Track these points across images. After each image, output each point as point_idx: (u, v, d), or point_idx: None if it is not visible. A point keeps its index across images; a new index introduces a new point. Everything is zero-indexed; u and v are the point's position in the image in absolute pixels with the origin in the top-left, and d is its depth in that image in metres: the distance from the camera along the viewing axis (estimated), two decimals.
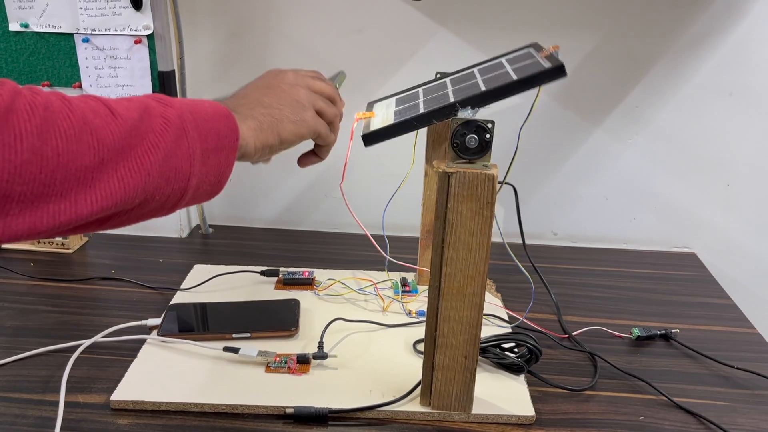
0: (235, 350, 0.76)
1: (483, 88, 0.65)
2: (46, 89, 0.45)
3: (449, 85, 0.73)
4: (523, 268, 0.81)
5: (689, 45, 1.03)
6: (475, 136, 0.60)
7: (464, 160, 0.61)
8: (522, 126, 0.71)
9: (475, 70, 0.76)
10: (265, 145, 0.60)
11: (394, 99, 0.78)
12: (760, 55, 1.03)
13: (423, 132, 0.83)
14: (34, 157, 0.41)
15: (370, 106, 0.80)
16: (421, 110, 0.67)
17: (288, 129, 0.62)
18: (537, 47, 0.73)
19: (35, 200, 0.42)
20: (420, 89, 0.78)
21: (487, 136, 0.60)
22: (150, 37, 0.97)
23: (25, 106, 0.41)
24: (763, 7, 1.00)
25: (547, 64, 0.64)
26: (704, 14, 1.01)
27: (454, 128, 0.60)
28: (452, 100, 0.66)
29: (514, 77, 0.64)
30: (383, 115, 0.72)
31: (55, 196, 0.43)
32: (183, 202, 0.53)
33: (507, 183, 0.70)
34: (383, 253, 0.88)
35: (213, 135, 0.54)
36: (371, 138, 0.68)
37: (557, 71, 0.63)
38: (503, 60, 0.74)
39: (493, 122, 0.60)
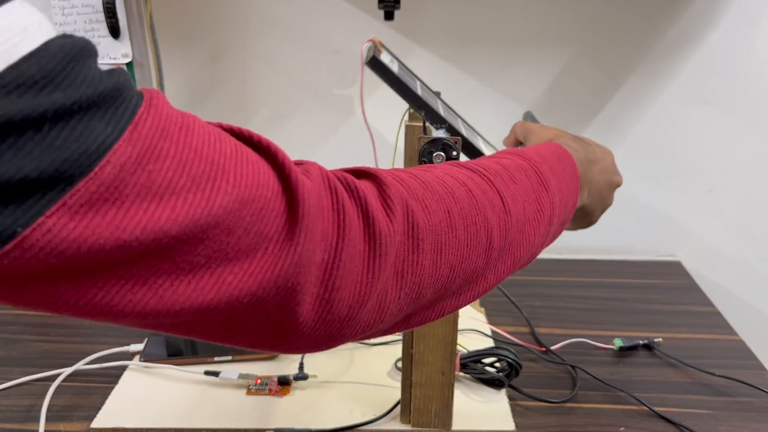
0: (216, 374, 0.77)
1: (462, 131, 0.67)
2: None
3: (440, 103, 0.73)
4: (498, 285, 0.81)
5: (663, 54, 1.04)
6: (442, 154, 0.61)
7: None
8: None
9: (460, 120, 0.76)
10: (582, 225, 0.65)
11: (397, 64, 0.76)
12: (732, 63, 1.04)
13: (400, 147, 0.84)
14: (446, 269, 0.41)
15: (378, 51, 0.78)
16: (419, 92, 0.67)
17: (597, 215, 0.66)
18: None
19: (434, 302, 0.42)
20: (418, 82, 0.77)
21: (454, 153, 0.61)
22: (129, 64, 0.98)
23: (444, 216, 0.40)
24: (734, 16, 1.01)
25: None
26: (676, 24, 1.02)
27: (421, 147, 0.61)
28: (441, 111, 0.66)
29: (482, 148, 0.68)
30: (389, 60, 0.71)
31: (449, 296, 0.43)
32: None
33: None
34: None
35: (566, 208, 0.52)
36: (377, 65, 0.66)
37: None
38: (480, 140, 0.75)
39: (459, 140, 0.61)
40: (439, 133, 0.64)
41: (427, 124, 0.65)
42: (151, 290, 0.29)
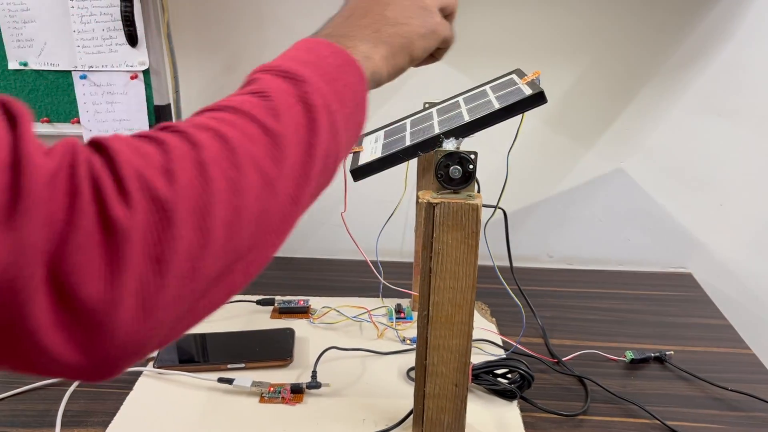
0: (230, 381, 0.77)
1: (466, 119, 0.66)
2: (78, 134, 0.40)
3: (435, 115, 0.75)
4: (511, 292, 0.82)
5: (676, 67, 1.04)
6: (459, 167, 0.61)
7: (449, 191, 0.62)
8: (509, 150, 0.73)
9: (460, 99, 0.77)
10: (397, 70, 0.54)
11: (382, 132, 0.80)
12: (746, 76, 1.04)
13: (414, 159, 0.85)
14: (220, 230, 0.36)
15: (359, 139, 0.81)
16: (407, 143, 0.68)
17: (419, 45, 0.54)
18: (520, 73, 0.74)
19: (228, 268, 0.38)
20: (408, 120, 0.79)
21: (471, 166, 0.61)
22: (146, 72, 0.99)
23: (192, 172, 0.36)
24: (748, 29, 1.01)
25: (528, 91, 0.65)
26: (691, 37, 1.03)
27: (437, 159, 0.61)
28: (437, 131, 0.67)
29: (497, 106, 0.65)
30: (371, 149, 0.74)
31: (245, 252, 0.39)
32: (333, 177, 0.48)
33: (497, 207, 0.72)
34: (378, 276, 0.89)
35: (349, 95, 0.47)
36: (359, 172, 0.69)
37: (537, 98, 0.64)
38: (487, 88, 0.75)
39: (476, 153, 0.61)
40: (450, 145, 0.64)
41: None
42: None
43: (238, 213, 0.37)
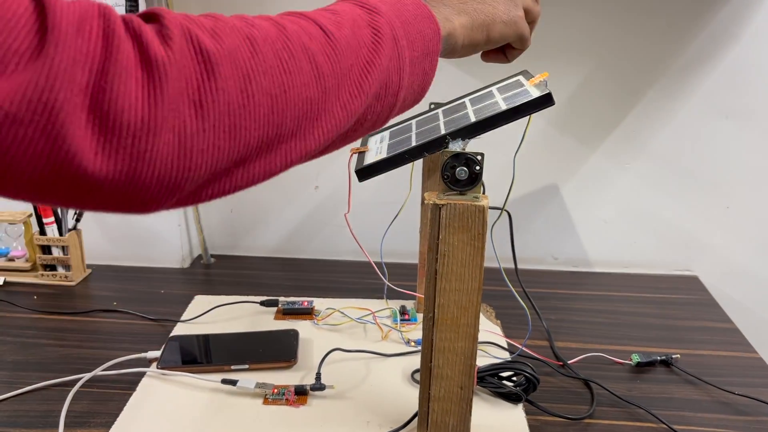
0: (233, 382, 0.77)
1: (472, 120, 0.66)
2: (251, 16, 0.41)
3: (441, 116, 0.74)
4: (517, 295, 0.81)
5: (683, 69, 1.04)
6: (465, 168, 0.61)
7: (455, 192, 0.62)
8: (516, 153, 0.72)
9: (466, 100, 0.76)
10: (473, 44, 0.56)
11: (388, 132, 0.79)
12: (753, 79, 1.03)
13: (419, 160, 0.84)
14: (264, 98, 0.38)
15: (364, 140, 0.81)
16: (413, 143, 0.68)
17: (498, 30, 0.57)
18: (527, 75, 0.74)
19: (269, 144, 0.40)
20: (413, 121, 0.79)
21: (477, 168, 0.61)
22: None
23: (243, 42, 0.38)
24: (755, 31, 1.01)
25: (535, 93, 0.65)
26: (697, 38, 1.02)
27: (444, 161, 0.61)
28: (443, 132, 0.66)
29: (503, 107, 0.65)
30: (377, 149, 0.73)
31: (287, 135, 0.40)
32: (389, 118, 0.50)
33: (503, 209, 0.71)
34: (383, 278, 0.88)
35: (419, 40, 0.49)
36: (365, 173, 0.68)
37: (545, 100, 0.63)
38: (494, 89, 0.75)
39: (482, 154, 0.60)
40: (457, 146, 0.64)
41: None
42: None
43: (284, 90, 0.39)
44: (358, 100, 0.44)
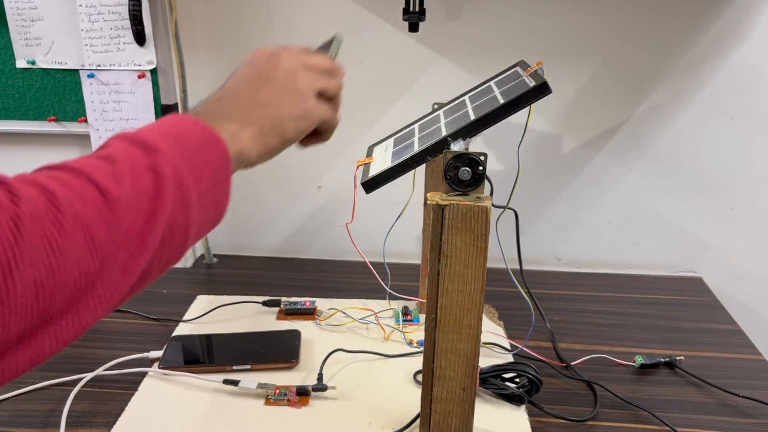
0: (235, 383, 0.76)
1: (472, 118, 0.66)
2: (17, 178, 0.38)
3: (442, 117, 0.74)
4: (525, 294, 0.81)
5: (689, 69, 1.03)
6: (468, 169, 0.60)
7: (458, 192, 0.61)
8: (519, 144, 0.72)
9: (466, 98, 0.76)
10: (268, 151, 0.54)
11: (392, 140, 0.79)
12: (759, 79, 1.03)
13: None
14: (28, 289, 0.34)
15: (369, 150, 0.81)
16: (416, 149, 0.68)
17: (291, 128, 0.55)
18: (523, 65, 0.73)
19: (33, 331, 0.36)
20: (416, 125, 0.79)
21: (480, 168, 0.60)
22: (153, 71, 0.99)
23: (7, 224, 0.34)
24: (760, 32, 1.00)
25: (531, 83, 0.64)
26: (703, 39, 1.01)
27: (446, 161, 0.61)
28: (444, 134, 0.66)
29: (501, 101, 0.65)
30: (381, 159, 0.73)
31: (55, 317, 0.37)
32: (183, 252, 0.47)
33: (509, 208, 0.71)
34: (384, 285, 0.88)
35: (206, 172, 0.47)
36: (371, 184, 0.68)
37: (541, 89, 0.63)
38: (492, 83, 0.74)
39: (485, 155, 0.60)
40: (458, 146, 0.63)
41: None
42: None
43: (51, 273, 0.35)
44: (141, 257, 0.41)
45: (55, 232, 0.36)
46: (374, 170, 0.70)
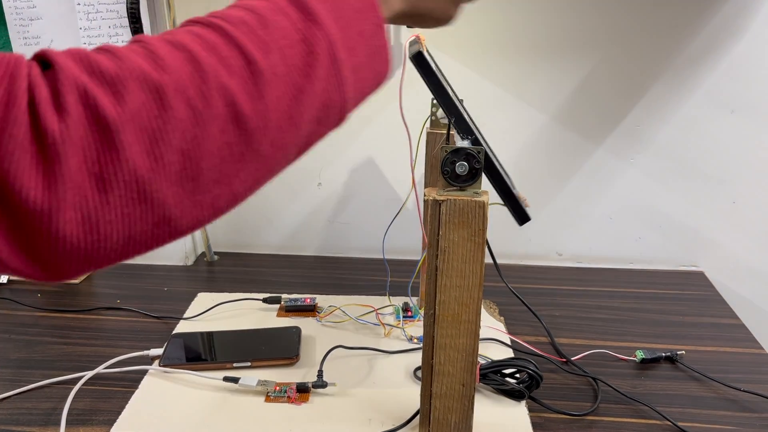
0: (235, 380, 0.77)
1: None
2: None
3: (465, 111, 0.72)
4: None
5: (688, 63, 1.03)
6: (465, 164, 0.60)
7: (455, 188, 0.61)
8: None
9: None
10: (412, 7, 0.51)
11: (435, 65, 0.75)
12: (759, 72, 1.02)
13: (421, 156, 0.84)
14: (175, 156, 0.35)
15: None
16: (452, 98, 0.65)
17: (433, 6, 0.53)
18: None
19: (190, 195, 0.37)
20: (449, 88, 0.75)
21: (477, 163, 0.60)
22: None
23: (149, 97, 0.35)
24: (761, 25, 0.99)
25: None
26: (702, 32, 1.01)
27: (443, 156, 0.61)
28: (469, 123, 0.65)
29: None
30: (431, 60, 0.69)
31: (209, 184, 0.38)
32: (343, 122, 0.45)
33: (504, 205, 0.70)
34: (387, 293, 0.88)
35: (361, 44, 0.43)
36: (422, 62, 0.64)
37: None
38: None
39: (482, 149, 0.60)
40: (463, 143, 0.63)
41: (452, 131, 0.65)
42: None
43: (197, 143, 0.36)
44: (290, 133, 0.40)
45: (199, 104, 0.36)
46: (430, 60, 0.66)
